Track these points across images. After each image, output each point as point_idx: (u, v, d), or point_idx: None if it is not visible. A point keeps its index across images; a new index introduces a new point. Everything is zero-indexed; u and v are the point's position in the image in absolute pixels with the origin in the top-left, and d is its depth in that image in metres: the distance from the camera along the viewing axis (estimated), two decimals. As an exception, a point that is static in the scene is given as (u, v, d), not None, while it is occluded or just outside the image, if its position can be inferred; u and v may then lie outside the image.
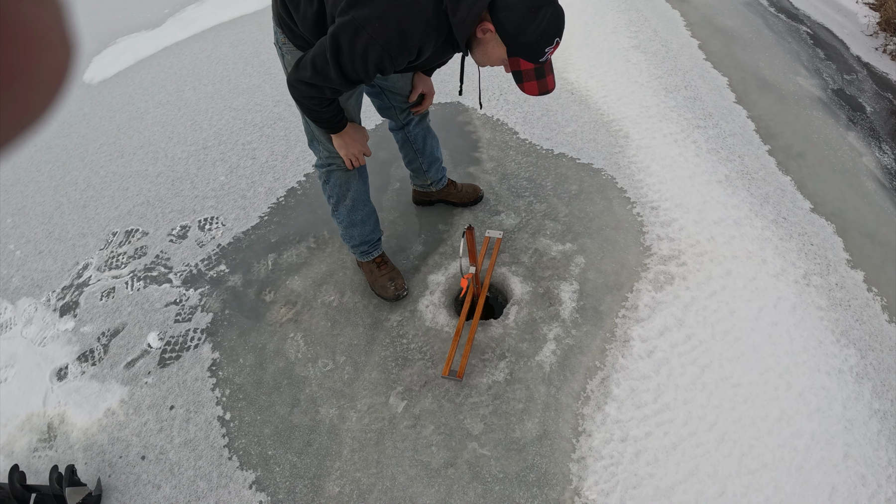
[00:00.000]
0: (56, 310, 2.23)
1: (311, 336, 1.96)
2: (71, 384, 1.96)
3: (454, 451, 1.62)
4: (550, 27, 1.24)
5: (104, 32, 4.38)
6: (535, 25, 1.23)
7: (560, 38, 1.28)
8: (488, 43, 1.31)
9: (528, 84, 1.36)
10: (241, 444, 1.72)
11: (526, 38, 1.25)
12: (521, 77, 1.35)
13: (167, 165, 2.82)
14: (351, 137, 1.61)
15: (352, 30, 1.22)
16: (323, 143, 1.69)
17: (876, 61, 3.10)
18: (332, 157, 1.72)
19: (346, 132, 1.60)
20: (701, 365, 1.73)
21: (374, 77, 1.33)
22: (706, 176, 2.33)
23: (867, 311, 1.88)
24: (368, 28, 1.21)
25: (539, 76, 1.35)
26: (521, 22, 1.23)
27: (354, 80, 1.33)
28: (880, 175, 2.38)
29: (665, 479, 1.51)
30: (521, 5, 1.22)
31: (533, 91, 1.38)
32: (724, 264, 1.99)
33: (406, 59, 1.29)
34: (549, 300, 1.94)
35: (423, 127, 2.02)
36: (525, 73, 1.34)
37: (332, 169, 1.77)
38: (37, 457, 1.79)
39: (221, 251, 2.32)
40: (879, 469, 1.52)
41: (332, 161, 1.74)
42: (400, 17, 1.21)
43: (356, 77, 1.31)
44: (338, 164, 1.74)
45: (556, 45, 1.28)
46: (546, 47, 1.26)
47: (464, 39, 1.27)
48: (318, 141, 1.70)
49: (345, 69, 1.28)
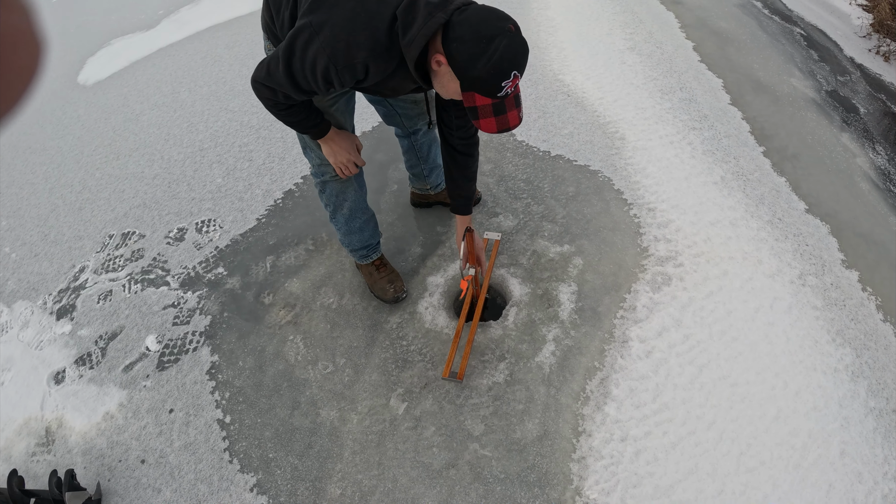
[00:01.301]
0: (53, 313, 2.21)
1: (310, 338, 1.96)
2: (69, 388, 1.95)
3: (455, 453, 1.62)
4: (504, 60, 1.12)
5: (98, 34, 4.35)
6: (486, 58, 1.12)
7: (520, 71, 1.16)
8: (443, 76, 1.21)
9: (485, 121, 1.23)
10: (242, 448, 1.71)
11: (477, 72, 1.14)
12: (475, 113, 1.22)
13: (163, 167, 2.81)
14: (337, 145, 1.55)
15: (307, 34, 1.18)
16: (315, 151, 1.63)
17: (869, 63, 3.13)
18: (324, 164, 1.66)
19: (332, 139, 1.53)
20: (699, 365, 1.74)
21: (325, 90, 1.26)
22: (702, 177, 2.35)
23: (862, 311, 1.90)
24: (321, 35, 1.16)
25: (498, 112, 1.22)
26: (471, 54, 1.13)
27: (305, 90, 1.26)
28: (874, 176, 2.41)
29: (665, 477, 1.52)
30: (471, 36, 1.12)
31: (490, 128, 1.24)
32: (721, 265, 2.00)
33: (351, 77, 1.22)
34: (548, 301, 1.95)
35: (431, 136, 2.00)
36: (481, 108, 1.21)
37: (325, 179, 1.72)
38: (35, 461, 1.78)
39: (219, 254, 2.31)
40: (875, 466, 1.54)
41: (326, 171, 1.69)
42: (352, 30, 1.16)
43: (306, 86, 1.25)
44: (331, 173, 1.68)
45: (514, 78, 1.16)
46: (502, 81, 1.15)
47: (412, 64, 1.20)
48: (310, 148, 1.65)
49: (295, 76, 1.23)
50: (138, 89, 3.52)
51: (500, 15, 1.16)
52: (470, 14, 1.15)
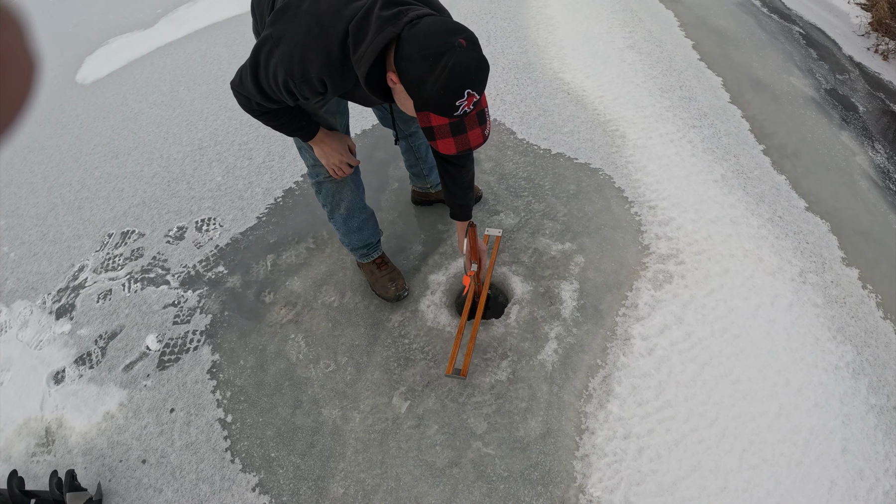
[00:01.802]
0: (52, 312, 2.20)
1: (311, 337, 1.95)
2: (69, 388, 1.94)
3: (458, 451, 1.62)
4: (455, 79, 1.03)
5: (96, 32, 4.33)
6: (434, 78, 1.03)
7: (475, 89, 1.06)
8: (400, 94, 1.14)
9: (443, 142, 1.14)
10: (244, 447, 1.71)
11: (426, 93, 1.06)
12: (431, 134, 1.13)
13: (163, 166, 2.80)
14: (328, 146, 1.52)
15: (269, 46, 1.16)
16: (308, 152, 1.62)
17: (868, 61, 3.14)
18: (317, 165, 1.65)
19: (322, 141, 1.51)
20: (701, 362, 1.74)
21: (291, 100, 1.24)
22: (702, 175, 2.35)
23: (862, 308, 1.90)
24: (280, 49, 1.14)
25: (457, 132, 1.12)
26: (419, 74, 1.05)
27: (274, 99, 1.24)
28: (873, 174, 2.42)
29: (668, 475, 1.52)
30: (417, 55, 1.03)
31: (448, 149, 1.15)
32: (722, 263, 2.01)
33: (310, 90, 1.19)
34: (550, 299, 1.94)
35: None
36: (437, 129, 1.12)
37: (320, 180, 1.71)
38: (35, 462, 1.77)
39: (219, 252, 2.30)
40: (877, 463, 1.55)
41: (320, 171, 1.68)
42: (306, 45, 1.12)
43: (274, 96, 1.23)
44: (325, 174, 1.67)
45: (469, 97, 1.06)
46: (455, 101, 1.05)
47: (363, 81, 1.14)
48: (304, 149, 1.63)
49: (262, 85, 1.22)
50: (137, 88, 3.51)
51: (451, 28, 1.05)
52: (419, 29, 1.05)
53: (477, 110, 1.13)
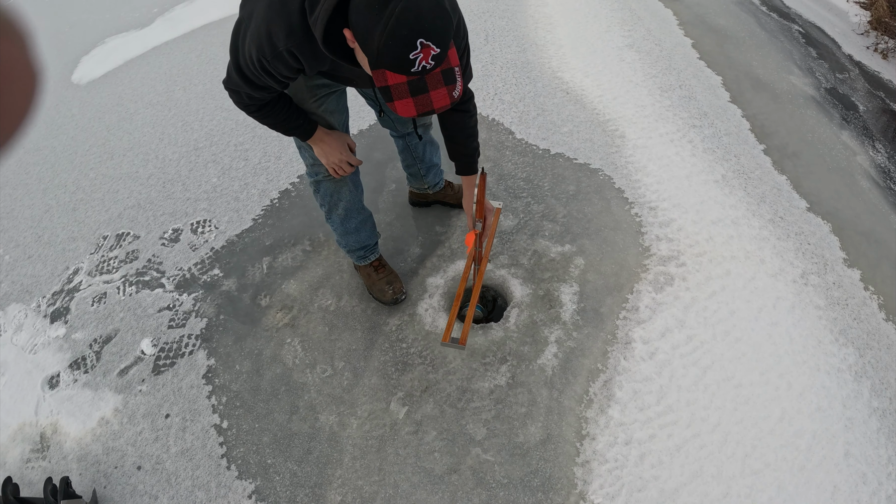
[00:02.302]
0: (46, 316, 2.18)
1: (308, 341, 1.93)
2: (63, 392, 1.92)
3: (457, 457, 1.60)
4: (403, 26, 0.91)
5: (92, 32, 4.30)
6: (381, 26, 0.92)
7: (429, 39, 0.93)
8: (358, 52, 1.04)
9: (401, 102, 1.01)
10: (240, 453, 1.69)
11: (374, 44, 0.94)
12: (388, 94, 1.01)
13: (158, 167, 2.77)
14: (328, 145, 1.50)
15: (242, 28, 1.16)
16: (308, 151, 1.60)
17: (867, 60, 3.12)
18: (317, 164, 1.63)
19: (321, 139, 1.48)
20: (703, 366, 1.73)
21: (275, 83, 1.20)
22: (703, 176, 2.33)
23: (864, 310, 1.89)
24: (250, 28, 1.13)
25: (417, 91, 1.00)
26: (366, 24, 0.94)
27: (259, 85, 1.22)
28: (874, 174, 2.40)
29: (670, 481, 1.50)
30: (364, 3, 0.93)
31: (408, 111, 1.03)
32: (723, 264, 1.99)
33: (285, 67, 1.15)
34: (550, 302, 1.93)
35: (426, 138, 1.98)
36: (394, 88, 1.00)
37: (319, 179, 1.69)
38: (30, 468, 1.75)
39: (215, 255, 2.28)
40: (880, 467, 1.53)
41: (319, 170, 1.66)
42: (270, 19, 1.09)
43: (257, 81, 1.20)
44: (324, 173, 1.65)
45: (423, 48, 0.93)
46: (409, 53, 0.93)
47: (321, 43, 1.06)
48: (304, 148, 1.61)
49: (244, 71, 1.20)
50: (132, 88, 3.48)
51: None
52: None
53: (442, 68, 1.00)
